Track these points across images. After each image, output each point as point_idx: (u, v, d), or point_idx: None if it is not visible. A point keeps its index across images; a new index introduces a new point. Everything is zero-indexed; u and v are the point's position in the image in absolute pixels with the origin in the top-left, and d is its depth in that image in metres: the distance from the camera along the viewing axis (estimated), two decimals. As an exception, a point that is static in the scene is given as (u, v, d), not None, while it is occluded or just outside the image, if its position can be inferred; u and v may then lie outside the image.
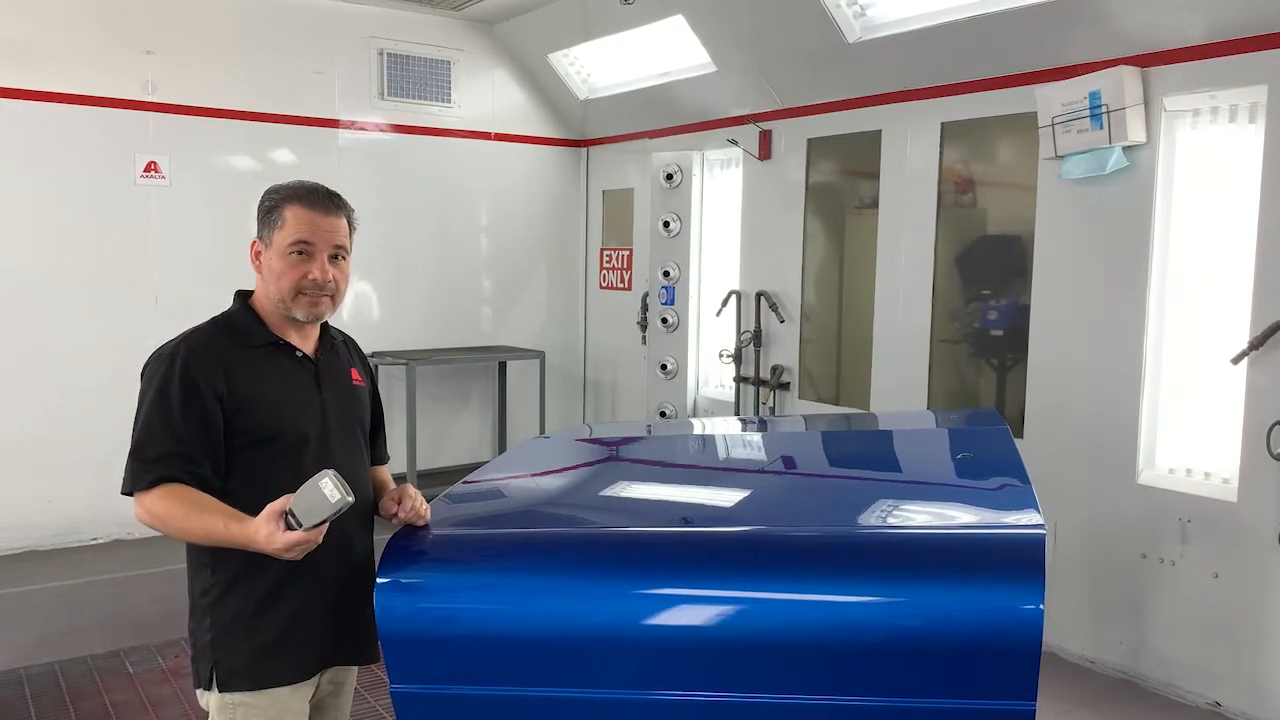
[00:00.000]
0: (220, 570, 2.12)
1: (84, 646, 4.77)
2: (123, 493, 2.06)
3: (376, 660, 2.31)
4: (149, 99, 6.31)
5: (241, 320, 2.19)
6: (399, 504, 2.21)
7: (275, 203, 2.15)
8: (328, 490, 1.85)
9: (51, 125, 6.02)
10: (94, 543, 6.28)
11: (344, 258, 2.20)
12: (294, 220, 2.12)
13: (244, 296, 2.24)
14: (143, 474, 2.02)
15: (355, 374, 2.35)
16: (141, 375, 2.12)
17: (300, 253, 2.12)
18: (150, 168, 6.34)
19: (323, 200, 2.16)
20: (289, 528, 1.89)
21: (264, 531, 1.91)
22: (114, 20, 6.19)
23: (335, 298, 2.19)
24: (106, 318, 6.23)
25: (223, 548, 2.09)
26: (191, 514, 2.00)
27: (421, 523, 2.19)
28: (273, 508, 1.91)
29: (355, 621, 2.24)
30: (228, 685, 2.12)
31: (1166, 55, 4.27)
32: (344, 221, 2.19)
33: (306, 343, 2.24)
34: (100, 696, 4.28)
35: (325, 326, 2.31)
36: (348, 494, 1.85)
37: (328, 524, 1.90)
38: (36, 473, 6.07)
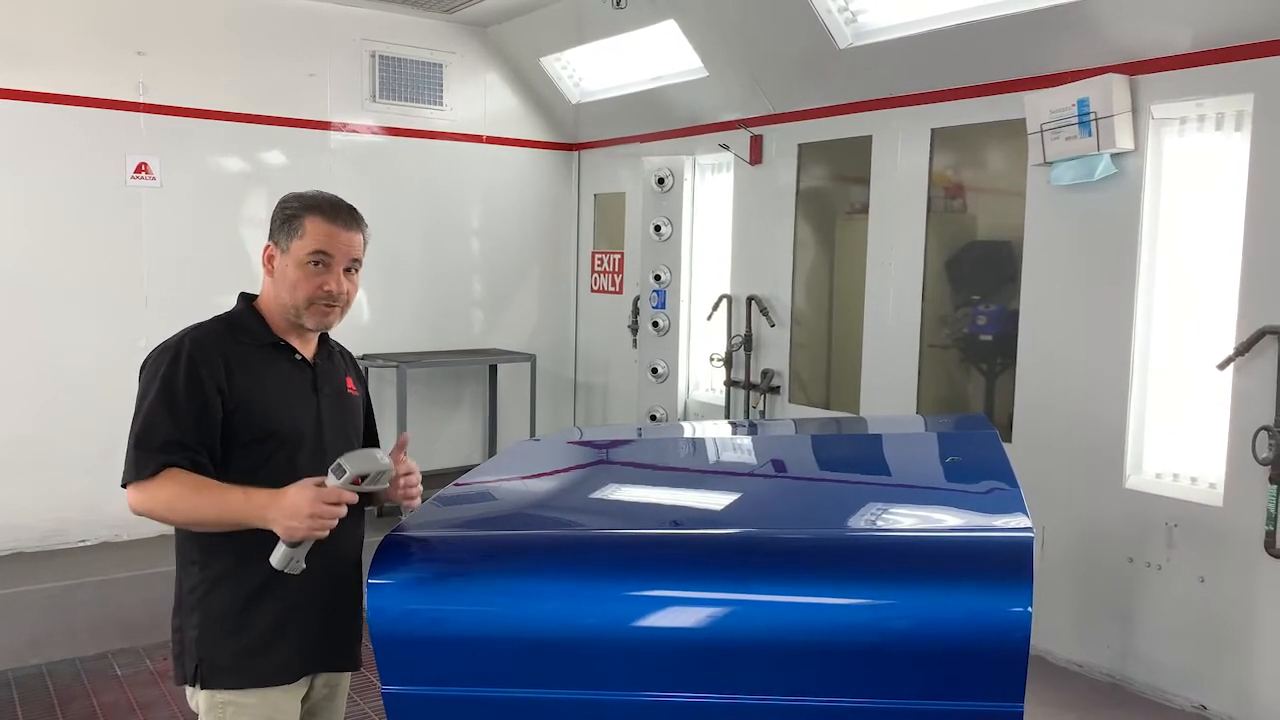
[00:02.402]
0: (209, 566, 2.13)
1: (72, 649, 4.75)
2: (123, 483, 2.05)
3: (357, 668, 2.31)
4: (140, 100, 6.31)
5: (245, 319, 2.22)
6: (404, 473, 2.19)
7: (295, 211, 2.18)
8: (379, 454, 1.97)
9: (42, 126, 6.00)
10: (82, 545, 6.26)
11: (357, 270, 2.24)
12: (314, 231, 2.15)
13: (248, 299, 2.26)
14: (147, 461, 2.01)
15: (350, 383, 2.38)
16: (143, 368, 2.12)
17: (318, 263, 2.15)
18: (141, 169, 6.33)
19: (344, 214, 2.20)
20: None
21: (293, 491, 1.93)
22: (105, 21, 6.18)
23: (344, 309, 2.23)
24: (97, 319, 6.22)
25: (212, 546, 2.10)
26: (203, 492, 2.00)
27: (412, 502, 2.22)
28: (309, 479, 1.95)
29: (342, 625, 2.25)
30: (212, 682, 2.12)
31: (1154, 64, 4.30)
32: (361, 236, 2.23)
33: (307, 347, 2.27)
34: (88, 698, 4.27)
35: (325, 335, 2.33)
36: (392, 466, 2.00)
37: (360, 493, 1.97)
38: (25, 474, 6.04)
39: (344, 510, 1.95)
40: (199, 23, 6.47)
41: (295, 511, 1.91)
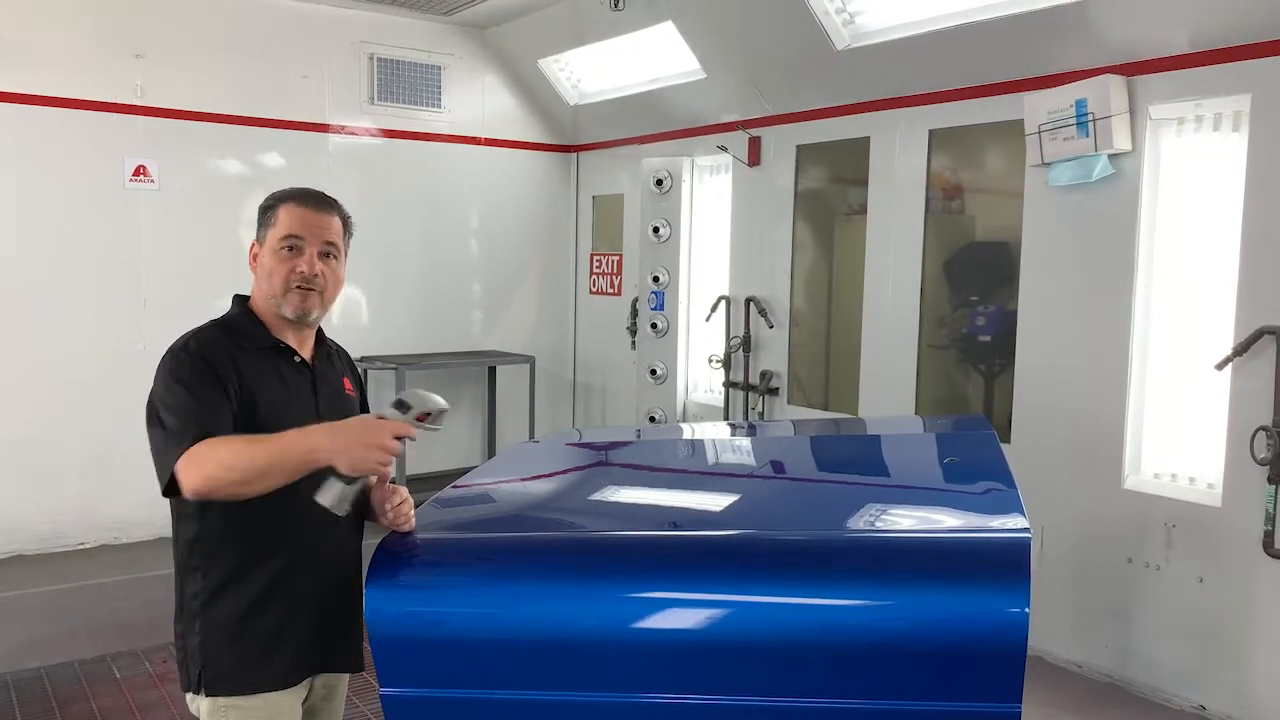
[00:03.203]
0: (210, 573, 2.12)
1: (71, 651, 4.75)
2: (164, 483, 1.96)
3: (361, 669, 2.31)
4: (138, 102, 6.31)
5: (242, 323, 2.20)
6: (390, 503, 2.16)
7: (271, 204, 2.19)
8: (437, 397, 1.95)
9: (41, 128, 6.00)
10: (82, 547, 6.25)
11: (335, 256, 2.21)
12: (286, 217, 2.16)
13: (243, 300, 2.25)
14: (181, 440, 1.93)
15: (348, 384, 2.37)
16: (158, 374, 2.09)
17: (290, 248, 2.14)
18: (139, 171, 6.33)
19: (315, 199, 2.20)
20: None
21: (356, 421, 1.93)
22: (103, 24, 6.18)
23: (325, 295, 2.20)
24: (96, 321, 6.21)
25: (214, 552, 2.09)
26: (255, 442, 1.93)
27: (405, 530, 2.18)
28: (366, 415, 1.96)
29: (344, 628, 2.25)
30: (216, 688, 2.12)
31: (1152, 64, 4.30)
32: (336, 220, 2.21)
33: (304, 348, 2.26)
34: (88, 701, 4.27)
35: (321, 335, 2.33)
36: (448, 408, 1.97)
37: (425, 427, 1.95)
38: (25, 477, 6.03)
39: (402, 448, 1.91)
40: (197, 25, 6.47)
41: (367, 439, 1.87)
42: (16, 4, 5.90)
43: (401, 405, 1.91)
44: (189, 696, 2.18)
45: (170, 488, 1.96)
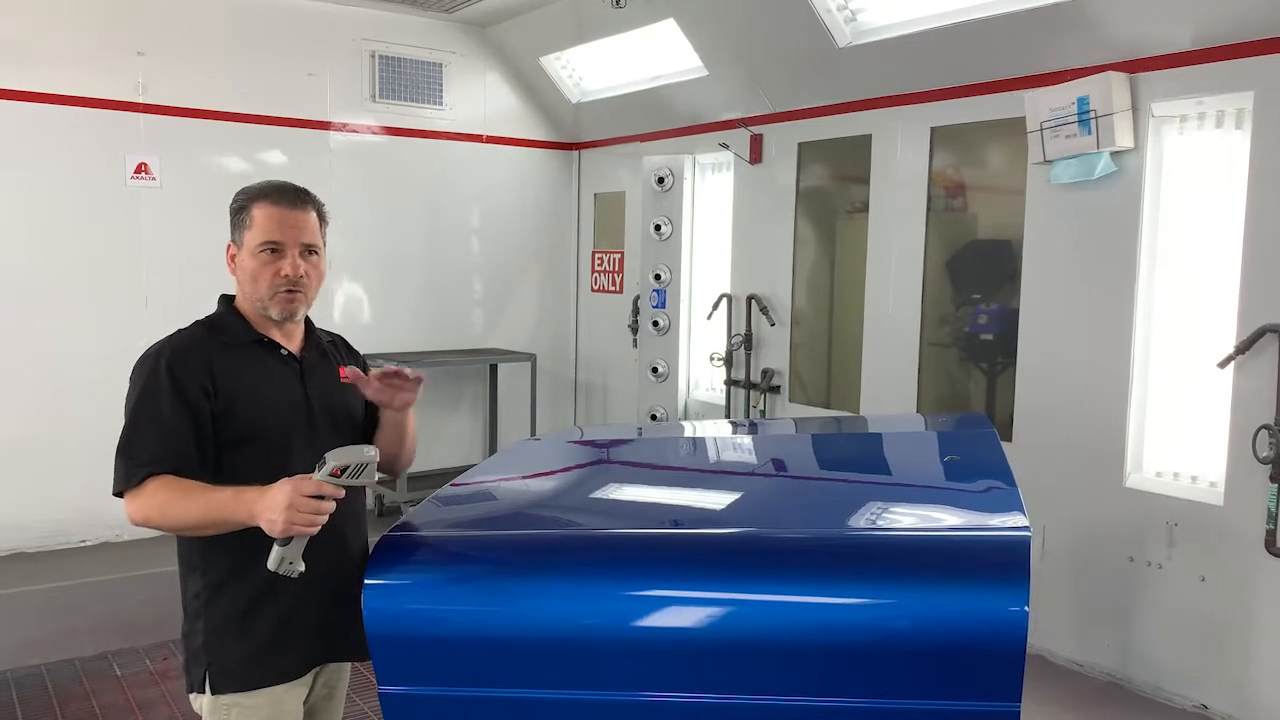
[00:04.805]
0: (210, 572, 2.12)
1: (72, 649, 4.75)
2: (114, 493, 2.04)
3: (367, 657, 2.30)
4: (140, 100, 6.30)
5: (225, 320, 2.21)
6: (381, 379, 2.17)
7: (243, 204, 2.17)
8: (367, 448, 1.94)
9: (42, 126, 6.00)
10: (82, 545, 6.26)
11: (316, 252, 2.20)
12: (262, 219, 2.13)
13: (228, 300, 2.26)
14: (134, 471, 2.01)
15: (343, 371, 2.34)
16: (130, 378, 2.11)
17: (271, 250, 2.13)
18: (141, 169, 6.33)
19: (288, 196, 2.17)
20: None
21: (276, 486, 1.89)
22: (105, 21, 6.18)
23: (307, 294, 2.19)
24: (97, 319, 6.21)
25: (213, 551, 2.09)
26: (192, 494, 1.98)
27: (398, 408, 2.23)
28: (297, 476, 1.92)
29: (348, 618, 2.24)
30: (220, 687, 2.11)
31: (1154, 61, 4.29)
32: (312, 215, 2.19)
33: (291, 341, 2.25)
34: (88, 699, 4.27)
35: (310, 327, 2.31)
36: (377, 457, 1.95)
37: (346, 481, 1.92)
38: (25, 475, 6.04)
39: (330, 505, 1.90)
40: (199, 22, 6.47)
41: (274, 504, 1.87)
42: (18, 1, 5.90)
43: (320, 463, 1.92)
44: (193, 696, 2.18)
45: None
